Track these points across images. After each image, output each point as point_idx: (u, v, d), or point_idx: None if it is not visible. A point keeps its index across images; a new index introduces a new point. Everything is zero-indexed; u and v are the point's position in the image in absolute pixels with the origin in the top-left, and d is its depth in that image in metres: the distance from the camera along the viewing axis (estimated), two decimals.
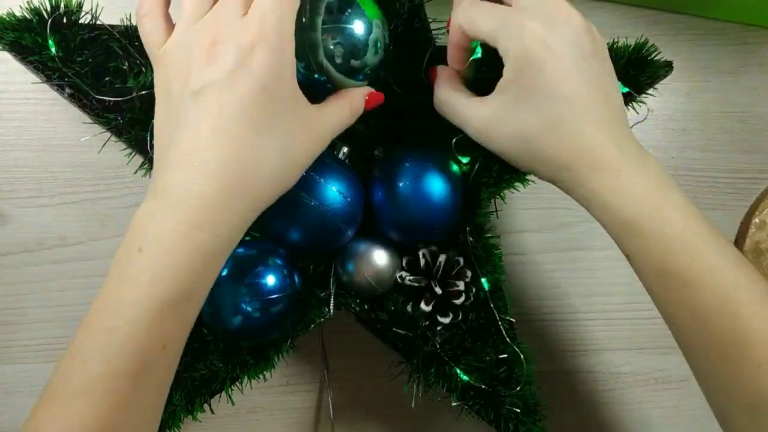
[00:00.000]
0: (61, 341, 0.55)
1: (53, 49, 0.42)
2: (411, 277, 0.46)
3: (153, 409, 0.36)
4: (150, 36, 0.39)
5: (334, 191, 0.43)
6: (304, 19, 0.39)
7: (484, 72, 0.45)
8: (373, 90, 0.43)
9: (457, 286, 0.46)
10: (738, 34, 0.61)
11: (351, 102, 0.41)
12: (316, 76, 0.41)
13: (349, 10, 0.40)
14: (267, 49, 0.35)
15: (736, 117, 0.61)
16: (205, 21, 0.37)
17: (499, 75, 0.40)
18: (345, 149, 0.46)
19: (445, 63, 0.45)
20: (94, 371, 0.32)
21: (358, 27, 0.40)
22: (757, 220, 0.60)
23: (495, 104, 0.40)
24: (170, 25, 0.39)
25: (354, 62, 0.41)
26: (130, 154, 0.45)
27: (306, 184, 0.42)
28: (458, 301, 0.46)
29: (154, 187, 0.35)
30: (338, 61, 0.40)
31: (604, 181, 0.37)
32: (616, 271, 0.59)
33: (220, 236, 0.35)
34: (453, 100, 0.43)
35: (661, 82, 0.47)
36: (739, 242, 0.60)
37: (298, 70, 0.39)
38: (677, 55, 0.48)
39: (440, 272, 0.47)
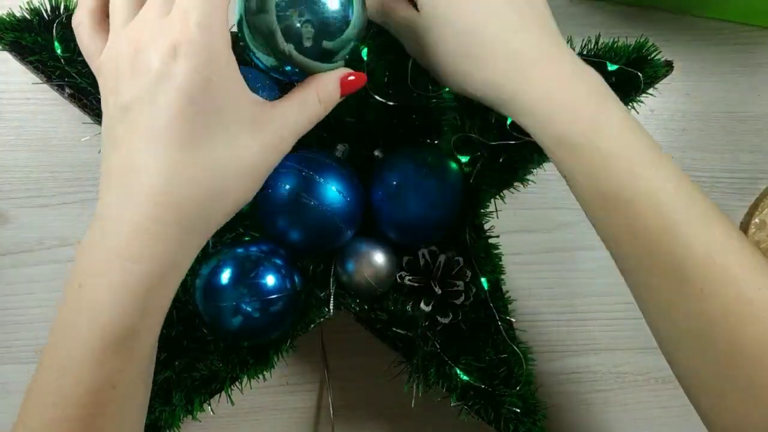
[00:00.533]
0: None
1: (59, 50, 0.42)
2: (411, 277, 0.46)
3: None
4: (87, 47, 0.36)
5: (333, 191, 0.43)
6: (253, 1, 0.33)
7: None
8: (350, 71, 0.37)
9: (457, 286, 0.46)
10: (738, 34, 0.61)
11: (319, 90, 0.36)
12: (288, 68, 0.35)
13: None
14: (191, 52, 0.30)
15: (736, 117, 0.61)
16: (130, 26, 0.33)
17: None
18: (344, 149, 0.46)
19: None
20: (46, 414, 0.31)
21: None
22: (757, 220, 0.60)
23: (420, 24, 0.37)
24: (106, 33, 0.35)
25: (327, 44, 0.34)
26: None
27: (305, 184, 0.42)
28: (458, 301, 0.46)
29: (95, 212, 0.32)
30: (307, 44, 0.34)
31: (534, 94, 0.35)
32: (616, 271, 0.59)
33: (161, 267, 0.31)
34: (394, 11, 0.39)
35: (661, 82, 0.47)
36: None
37: (260, 62, 0.36)
38: (677, 55, 0.48)
39: (440, 272, 0.47)
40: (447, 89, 0.46)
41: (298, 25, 0.33)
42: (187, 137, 0.31)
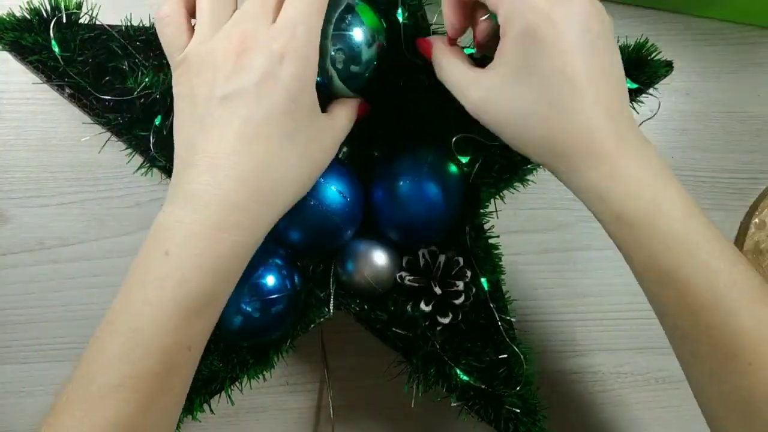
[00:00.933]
0: (61, 341, 0.55)
1: (57, 50, 0.42)
2: (411, 277, 0.46)
3: (177, 408, 0.36)
4: (171, 41, 0.38)
5: (333, 191, 0.43)
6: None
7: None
8: (362, 99, 0.43)
9: (457, 286, 0.46)
10: (738, 34, 0.61)
11: (351, 111, 0.42)
12: (318, 79, 0.40)
13: (350, 17, 0.40)
14: (296, 59, 0.35)
15: (736, 117, 0.61)
16: (230, 28, 0.36)
17: None
18: (345, 149, 0.46)
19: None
20: (120, 372, 0.32)
21: (357, 34, 0.41)
22: (756, 220, 0.60)
23: (492, 78, 0.37)
24: (191, 30, 0.38)
25: (354, 68, 0.41)
26: (131, 154, 0.45)
27: None
28: (458, 301, 0.46)
29: (176, 189, 0.35)
30: (339, 66, 0.41)
31: (600, 169, 0.35)
32: (616, 271, 0.59)
33: (247, 240, 0.35)
34: (452, 66, 0.40)
35: (661, 82, 0.47)
36: (739, 242, 0.60)
37: None
38: (677, 55, 0.48)
39: (440, 272, 0.47)
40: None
41: (333, 52, 0.40)
42: (284, 131, 0.36)
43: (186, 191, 0.35)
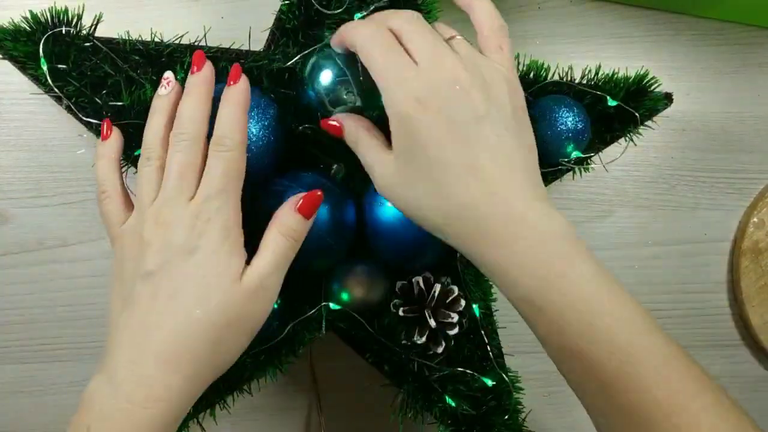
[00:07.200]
0: (61, 341, 0.56)
1: (45, 66, 0.42)
2: (405, 308, 0.46)
3: None
4: (109, 216, 0.40)
5: (325, 211, 0.42)
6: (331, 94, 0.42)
7: None
8: (301, 195, 0.39)
9: (451, 318, 0.46)
10: (738, 34, 0.61)
11: (281, 230, 0.39)
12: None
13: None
14: (210, 232, 0.36)
15: (736, 117, 0.61)
16: (155, 205, 0.38)
17: None
18: (340, 169, 0.46)
19: None
20: None
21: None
22: (755, 219, 0.60)
23: (389, 162, 0.38)
24: (129, 205, 0.40)
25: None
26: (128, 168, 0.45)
27: None
28: (452, 332, 0.46)
29: (102, 363, 0.37)
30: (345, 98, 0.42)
31: (495, 253, 0.35)
32: (615, 271, 0.59)
33: (165, 411, 0.35)
34: (365, 144, 0.40)
35: (661, 82, 0.47)
36: (738, 242, 0.60)
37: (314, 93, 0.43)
38: (677, 55, 0.48)
39: (434, 302, 0.46)
40: None
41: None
42: (196, 298, 0.36)
43: (108, 366, 0.36)
